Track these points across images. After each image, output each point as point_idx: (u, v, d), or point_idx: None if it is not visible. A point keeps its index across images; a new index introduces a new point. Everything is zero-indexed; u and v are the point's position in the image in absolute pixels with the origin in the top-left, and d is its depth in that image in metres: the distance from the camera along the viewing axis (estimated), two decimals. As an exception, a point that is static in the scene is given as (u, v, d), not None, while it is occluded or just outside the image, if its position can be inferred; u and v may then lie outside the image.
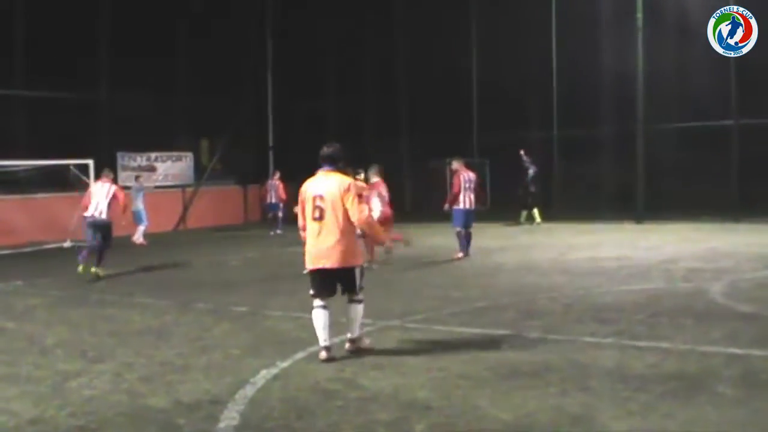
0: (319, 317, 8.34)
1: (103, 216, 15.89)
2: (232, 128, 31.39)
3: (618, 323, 9.95)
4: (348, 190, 8.35)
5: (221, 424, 6.35)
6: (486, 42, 29.99)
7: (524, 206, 25.95)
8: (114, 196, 16.15)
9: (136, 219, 23.19)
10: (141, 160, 28.81)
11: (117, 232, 17.20)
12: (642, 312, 10.64)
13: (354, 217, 8.36)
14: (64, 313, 12.03)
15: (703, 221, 23.44)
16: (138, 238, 23.31)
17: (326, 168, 8.54)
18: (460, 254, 17.27)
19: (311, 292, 8.52)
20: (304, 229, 8.64)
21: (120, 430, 6.37)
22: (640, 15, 25.28)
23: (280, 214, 25.58)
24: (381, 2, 32.83)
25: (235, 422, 6.40)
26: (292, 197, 31.89)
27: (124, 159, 28.79)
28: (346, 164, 8.88)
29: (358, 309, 8.51)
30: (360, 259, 8.68)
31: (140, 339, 9.81)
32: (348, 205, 8.30)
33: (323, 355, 8.23)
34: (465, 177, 17.41)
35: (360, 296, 8.53)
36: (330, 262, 8.31)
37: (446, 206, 17.57)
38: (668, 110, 26.64)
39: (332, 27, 32.27)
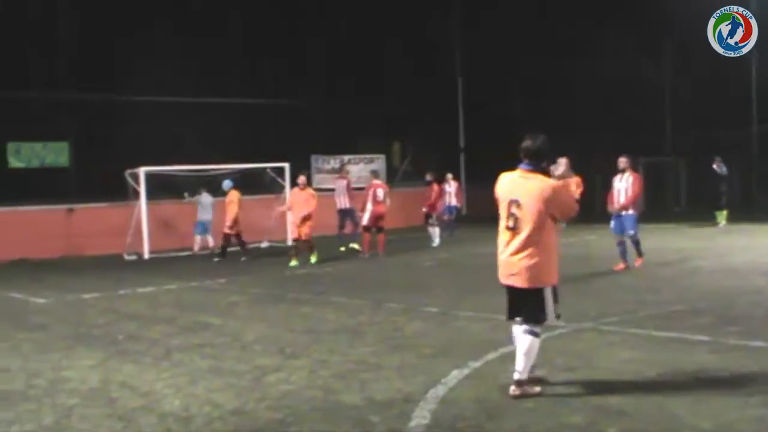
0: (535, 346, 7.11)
1: (347, 205, 22.15)
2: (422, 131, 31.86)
3: (826, 330, 9.45)
4: (551, 198, 6.99)
5: (413, 423, 6.45)
6: (678, 36, 29.13)
7: (724, 206, 24.89)
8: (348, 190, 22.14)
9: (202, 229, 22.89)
10: (334, 162, 29.56)
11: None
12: None
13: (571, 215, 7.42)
14: (263, 310, 12.53)
15: None
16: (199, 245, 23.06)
17: (525, 167, 7.16)
18: (636, 263, 15.63)
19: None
20: None
21: (315, 425, 6.56)
22: None
23: (445, 217, 24.64)
24: (570, 3, 32.41)
25: (426, 421, 6.48)
26: (472, 199, 31.45)
27: (317, 162, 29.70)
28: (548, 163, 7.34)
29: (534, 344, 7.05)
30: (554, 279, 7.16)
31: (334, 337, 10.07)
32: (557, 213, 7.18)
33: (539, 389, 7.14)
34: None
35: (538, 328, 7.11)
36: (519, 280, 7.06)
37: (617, 208, 15.54)
38: None
39: (519, 28, 32.09)
